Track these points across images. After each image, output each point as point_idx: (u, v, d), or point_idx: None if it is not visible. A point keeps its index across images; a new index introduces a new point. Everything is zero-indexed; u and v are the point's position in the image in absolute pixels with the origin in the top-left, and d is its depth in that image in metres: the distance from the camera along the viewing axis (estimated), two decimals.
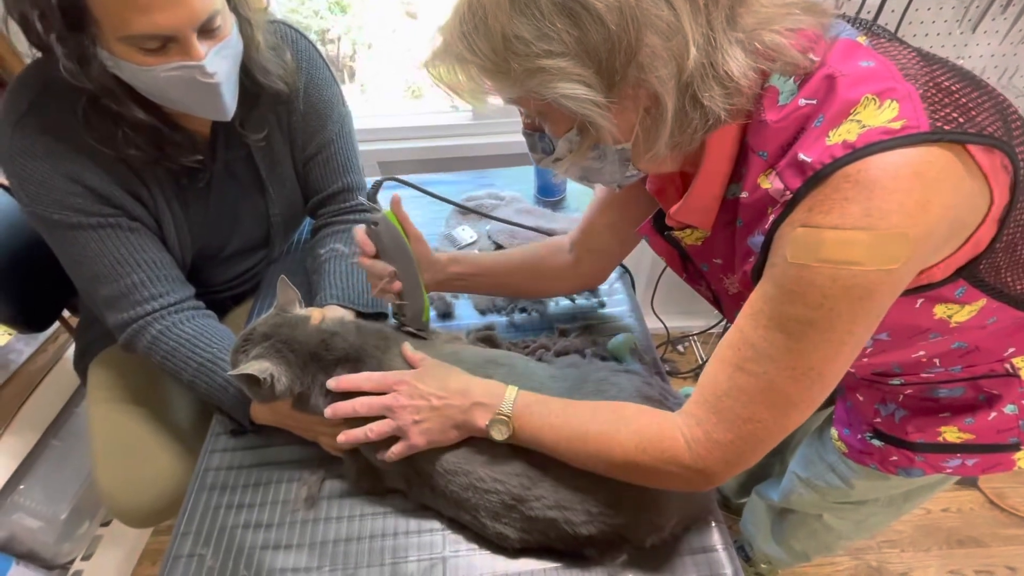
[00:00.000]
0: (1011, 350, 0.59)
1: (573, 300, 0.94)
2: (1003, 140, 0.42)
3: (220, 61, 0.67)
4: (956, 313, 0.51)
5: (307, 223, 1.11)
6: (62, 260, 0.76)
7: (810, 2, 0.46)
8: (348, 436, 0.63)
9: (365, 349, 0.68)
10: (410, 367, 0.67)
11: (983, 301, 0.50)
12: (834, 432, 0.78)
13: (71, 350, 1.25)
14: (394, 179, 0.79)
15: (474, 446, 0.63)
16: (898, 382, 0.64)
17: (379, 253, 0.74)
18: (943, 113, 0.40)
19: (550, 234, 1.00)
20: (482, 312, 0.93)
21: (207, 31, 0.64)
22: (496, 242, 1.05)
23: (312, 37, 0.88)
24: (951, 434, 0.64)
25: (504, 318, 0.92)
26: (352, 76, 1.62)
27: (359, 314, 0.84)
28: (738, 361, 0.48)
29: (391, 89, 1.63)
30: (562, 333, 0.87)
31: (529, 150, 0.58)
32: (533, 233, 0.99)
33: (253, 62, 0.75)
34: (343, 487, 0.71)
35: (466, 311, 0.94)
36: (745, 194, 0.49)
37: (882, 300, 0.43)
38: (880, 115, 0.40)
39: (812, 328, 0.44)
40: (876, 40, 0.47)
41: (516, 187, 1.18)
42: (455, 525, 0.66)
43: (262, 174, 0.87)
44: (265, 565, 0.64)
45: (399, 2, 1.52)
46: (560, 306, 0.94)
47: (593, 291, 0.95)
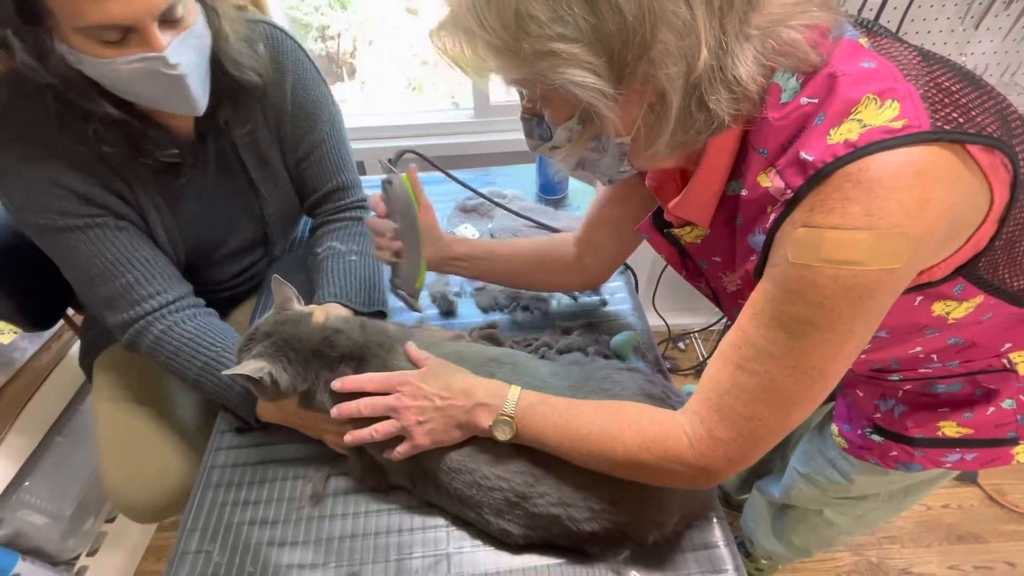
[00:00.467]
0: (1008, 345, 0.60)
1: (575, 298, 0.95)
2: (1002, 140, 0.42)
3: (184, 52, 0.64)
4: (954, 310, 0.51)
5: (308, 220, 1.11)
6: (58, 264, 0.76)
7: None
8: (354, 436, 0.64)
9: (369, 347, 0.68)
10: (414, 366, 0.67)
11: (980, 298, 0.50)
12: (834, 428, 0.78)
13: (75, 347, 1.25)
14: (416, 153, 0.79)
15: (478, 444, 0.64)
16: (897, 378, 0.65)
17: (389, 215, 0.76)
18: (943, 113, 0.40)
19: (554, 231, 1.01)
20: (484, 310, 0.93)
21: (169, 21, 0.62)
22: None
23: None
24: (950, 429, 0.65)
25: (507, 316, 0.92)
26: (352, 73, 1.62)
27: (357, 313, 0.84)
28: (740, 360, 0.49)
29: (392, 86, 1.63)
30: (564, 331, 0.87)
31: (525, 135, 0.57)
32: (541, 229, 1.00)
33: (223, 54, 0.72)
34: (348, 484, 0.72)
35: (469, 309, 0.94)
36: (745, 192, 0.49)
37: (883, 300, 0.44)
38: (881, 114, 0.40)
39: (813, 327, 0.44)
40: (877, 40, 0.47)
41: (518, 185, 1.18)
42: (459, 522, 0.67)
43: (250, 172, 0.86)
44: (271, 561, 0.65)
45: None
46: (562, 304, 0.94)
47: (595, 289, 0.95)
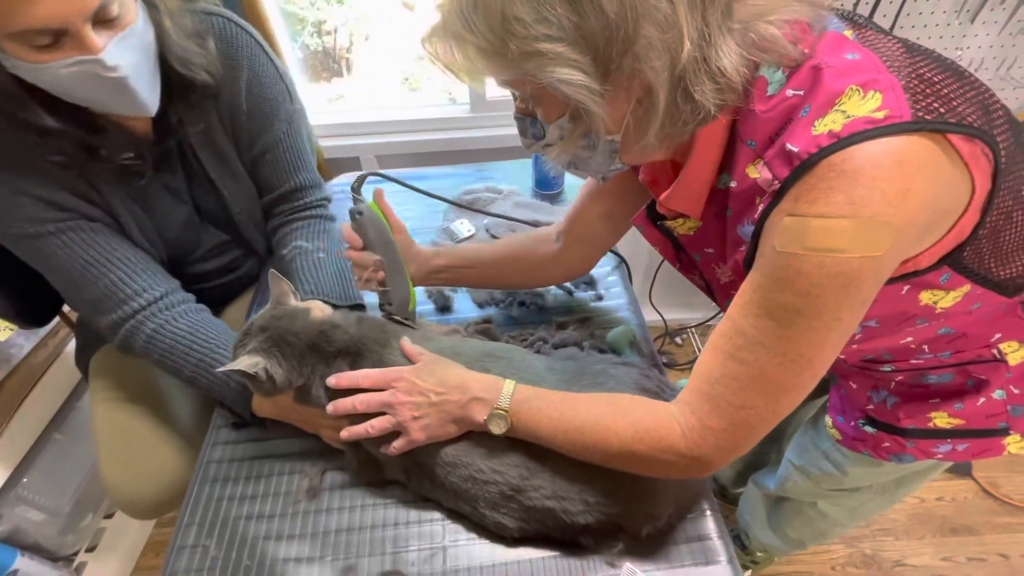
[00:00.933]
0: (997, 336, 0.60)
1: (571, 293, 0.95)
2: (983, 129, 0.42)
3: (124, 52, 0.61)
4: (941, 299, 0.52)
5: None
6: (42, 273, 0.74)
7: None
8: (350, 432, 0.64)
9: (364, 342, 0.68)
10: (409, 362, 0.68)
11: (967, 287, 0.51)
12: (828, 420, 0.79)
13: (72, 344, 1.25)
14: (378, 174, 0.78)
15: (473, 439, 0.64)
16: (889, 369, 0.65)
17: (364, 245, 0.75)
18: (925, 103, 0.41)
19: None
20: (480, 305, 0.94)
21: (104, 21, 0.59)
22: (494, 235, 1.05)
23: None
24: (941, 420, 0.65)
25: (502, 311, 0.92)
26: (349, 68, 1.62)
27: (334, 307, 0.83)
28: (730, 349, 0.49)
29: (388, 80, 1.63)
30: (560, 326, 0.88)
31: (519, 134, 0.58)
32: (532, 226, 1.00)
33: (169, 52, 0.69)
34: (344, 478, 0.72)
35: (464, 304, 0.94)
36: (734, 183, 0.50)
37: (868, 287, 0.44)
38: (864, 105, 0.41)
39: (800, 315, 0.45)
40: (862, 32, 0.48)
41: (514, 180, 1.18)
42: (455, 515, 0.67)
43: (208, 171, 0.83)
44: (268, 555, 0.65)
45: None
46: (558, 299, 0.94)
47: (591, 284, 0.96)
